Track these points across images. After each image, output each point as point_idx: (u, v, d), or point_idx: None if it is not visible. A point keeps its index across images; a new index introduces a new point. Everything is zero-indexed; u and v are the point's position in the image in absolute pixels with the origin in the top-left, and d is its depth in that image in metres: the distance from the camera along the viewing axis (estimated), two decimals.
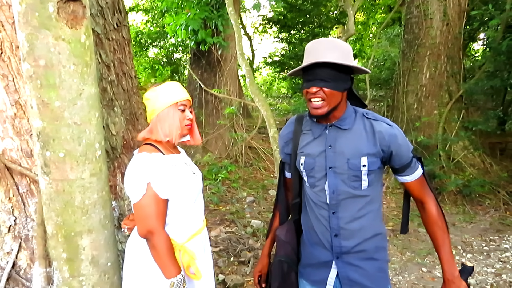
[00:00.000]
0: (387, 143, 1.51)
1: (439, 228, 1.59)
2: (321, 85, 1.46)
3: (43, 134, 1.41)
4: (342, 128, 1.57)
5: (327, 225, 1.61)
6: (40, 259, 1.74)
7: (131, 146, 2.31)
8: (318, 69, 1.46)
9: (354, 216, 1.57)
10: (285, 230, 1.80)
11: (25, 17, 1.29)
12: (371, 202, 1.58)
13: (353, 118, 1.58)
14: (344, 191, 1.55)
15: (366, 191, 1.56)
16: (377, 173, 1.57)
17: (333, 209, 1.59)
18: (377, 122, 1.55)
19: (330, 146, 1.57)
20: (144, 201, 1.51)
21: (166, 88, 1.65)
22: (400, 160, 1.54)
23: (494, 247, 4.24)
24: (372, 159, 1.52)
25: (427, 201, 1.61)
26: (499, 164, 6.32)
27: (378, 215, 1.64)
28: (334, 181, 1.56)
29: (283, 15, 11.52)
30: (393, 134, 1.52)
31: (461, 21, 6.59)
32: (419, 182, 1.61)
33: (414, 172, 1.59)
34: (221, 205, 5.23)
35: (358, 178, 1.53)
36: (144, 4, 11.37)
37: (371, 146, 1.52)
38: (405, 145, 1.54)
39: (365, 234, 1.58)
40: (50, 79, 1.35)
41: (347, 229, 1.57)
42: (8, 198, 1.87)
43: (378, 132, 1.52)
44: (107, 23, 2.15)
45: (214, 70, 7.39)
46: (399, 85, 7.11)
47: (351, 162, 1.52)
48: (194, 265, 1.61)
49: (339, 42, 1.50)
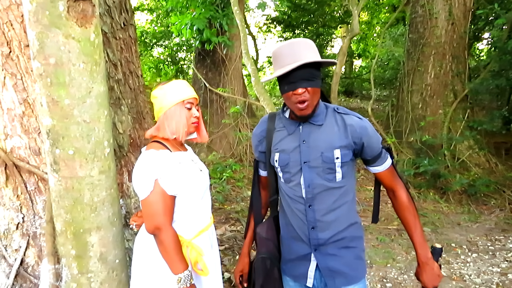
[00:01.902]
0: (358, 135, 1.56)
1: (410, 213, 1.65)
2: (305, 85, 1.49)
3: (52, 132, 1.42)
4: (316, 124, 1.61)
5: (303, 218, 1.65)
6: (49, 256, 1.75)
7: (137, 144, 2.32)
8: (300, 71, 1.48)
9: (329, 208, 1.61)
10: (265, 227, 1.84)
11: (35, 15, 1.30)
12: (346, 193, 1.63)
13: (324, 114, 1.63)
14: (320, 184, 1.59)
15: (341, 183, 1.60)
16: (350, 165, 1.62)
17: (309, 203, 1.62)
18: (348, 116, 1.61)
19: (304, 141, 1.61)
20: (152, 198, 1.52)
21: (173, 86, 1.67)
22: (371, 151, 1.60)
23: (499, 247, 4.23)
24: (345, 151, 1.57)
25: (397, 189, 1.68)
26: (504, 164, 6.29)
27: (353, 205, 1.69)
28: (309, 175, 1.60)
29: (287, 15, 11.52)
30: (364, 126, 1.57)
31: (466, 20, 6.57)
32: (389, 172, 1.68)
33: (384, 162, 1.65)
34: (226, 204, 5.25)
35: (332, 171, 1.58)
36: (149, 3, 11.40)
37: (343, 139, 1.57)
38: (375, 136, 1.60)
39: (340, 224, 1.63)
40: (60, 77, 1.36)
41: (323, 221, 1.62)
42: (16, 195, 1.89)
43: (349, 125, 1.58)
44: (114, 22, 2.17)
45: (219, 69, 7.40)
46: (403, 85, 7.10)
47: (325, 155, 1.57)
48: (202, 261, 1.62)
49: (307, 41, 1.55)
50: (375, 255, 3.99)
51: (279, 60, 1.54)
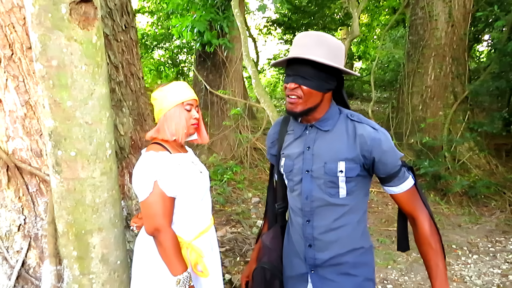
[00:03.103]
0: (368, 148, 1.36)
1: (431, 248, 1.41)
2: (300, 82, 1.36)
3: (55, 134, 1.43)
4: (322, 130, 1.45)
5: (301, 234, 1.50)
6: (50, 257, 1.76)
7: (139, 146, 2.33)
8: (300, 65, 1.35)
9: (329, 227, 1.44)
10: (270, 236, 1.71)
11: (38, 18, 1.31)
12: (350, 212, 1.44)
13: (335, 120, 1.46)
14: (319, 198, 1.43)
15: (345, 200, 1.42)
16: (358, 181, 1.42)
17: (307, 217, 1.47)
18: (361, 125, 1.40)
19: (308, 147, 1.46)
20: (151, 199, 1.53)
21: (173, 88, 1.67)
22: (385, 168, 1.38)
23: (500, 248, 4.23)
24: (351, 164, 1.38)
25: (418, 216, 1.44)
26: (504, 166, 6.29)
27: (359, 228, 1.48)
28: (309, 186, 1.44)
29: (287, 17, 11.55)
30: (376, 138, 1.36)
31: (466, 22, 6.58)
32: (409, 195, 1.43)
33: (402, 183, 1.41)
34: (226, 206, 5.25)
35: (335, 185, 1.40)
36: (149, 6, 11.43)
37: (350, 150, 1.38)
38: (390, 151, 1.37)
39: (341, 247, 1.45)
40: (62, 79, 1.37)
41: (322, 240, 1.46)
42: (18, 197, 1.89)
43: (359, 136, 1.38)
44: (115, 25, 2.18)
45: (220, 71, 7.41)
46: (404, 87, 7.11)
47: (327, 166, 1.40)
48: (202, 263, 1.63)
49: (328, 38, 1.37)
50: (376, 257, 3.99)
51: (291, 48, 1.40)
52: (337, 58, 1.36)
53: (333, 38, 1.38)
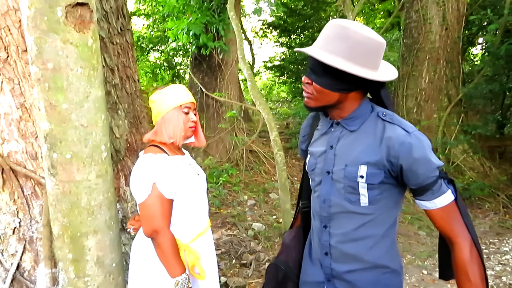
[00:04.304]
0: (395, 153, 1.17)
1: (468, 281, 1.16)
2: (311, 78, 1.24)
3: (50, 136, 1.43)
4: (347, 129, 1.30)
5: (318, 239, 1.39)
6: (45, 260, 1.76)
7: (134, 149, 2.33)
8: (315, 60, 1.20)
9: (348, 237, 1.29)
10: (292, 235, 1.60)
11: (33, 21, 1.31)
12: (373, 224, 1.26)
13: (364, 119, 1.29)
14: (338, 204, 1.29)
15: (367, 209, 1.25)
16: (384, 190, 1.24)
17: (324, 222, 1.34)
18: (391, 126, 1.21)
19: (332, 146, 1.32)
20: (150, 201, 1.53)
21: (170, 91, 1.68)
22: (415, 179, 1.18)
23: (494, 250, 4.26)
24: (373, 170, 1.21)
25: (456, 240, 1.20)
26: (498, 168, 6.34)
27: (384, 243, 1.29)
28: (328, 189, 1.31)
29: (283, 20, 11.58)
30: (406, 143, 1.16)
31: (460, 25, 6.64)
32: (445, 212, 1.20)
33: (436, 198, 1.20)
34: (222, 208, 5.25)
35: (355, 191, 1.24)
36: (145, 8, 11.42)
37: (374, 153, 1.21)
38: (423, 160, 1.16)
39: (361, 262, 1.29)
40: (58, 82, 1.37)
41: (339, 249, 1.31)
42: (13, 200, 1.89)
43: (387, 138, 1.19)
44: (111, 28, 2.18)
45: (215, 74, 7.43)
46: (398, 89, 7.15)
47: (348, 170, 1.25)
48: (199, 265, 1.63)
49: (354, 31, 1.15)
50: None
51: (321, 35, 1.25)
52: (357, 57, 1.16)
53: (363, 31, 1.16)
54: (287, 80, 12.05)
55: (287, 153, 6.54)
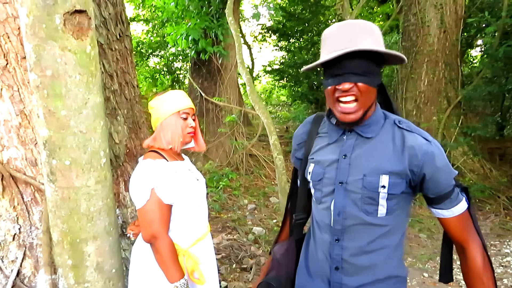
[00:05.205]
0: (419, 162, 1.16)
1: (482, 284, 1.20)
2: (354, 80, 1.15)
3: (49, 143, 1.44)
4: (364, 136, 1.25)
5: (327, 254, 1.31)
6: (45, 266, 1.76)
7: (133, 154, 2.34)
8: (349, 60, 1.14)
9: (363, 249, 1.24)
10: (283, 249, 1.52)
11: (32, 28, 1.32)
12: (389, 234, 1.24)
13: (380, 125, 1.26)
14: (354, 215, 1.23)
15: (383, 220, 1.22)
16: (401, 199, 1.22)
17: (336, 235, 1.27)
18: (411, 134, 1.21)
19: (345, 156, 1.26)
20: (148, 206, 1.54)
21: (169, 97, 1.69)
22: (436, 187, 1.19)
23: (495, 252, 4.25)
24: (396, 179, 1.19)
25: (469, 246, 1.22)
26: (498, 169, 6.34)
27: (397, 252, 1.28)
28: (343, 201, 1.25)
29: (282, 24, 11.60)
30: (429, 152, 1.16)
31: (458, 28, 6.66)
32: (461, 220, 1.22)
33: (454, 206, 1.21)
34: (222, 213, 5.25)
35: (374, 202, 1.21)
36: (144, 14, 11.47)
37: (397, 163, 1.19)
38: (445, 168, 1.18)
39: (375, 274, 1.25)
40: (57, 88, 1.38)
41: (352, 263, 1.26)
42: (13, 206, 1.89)
43: (409, 147, 1.18)
44: (110, 34, 2.20)
45: (215, 78, 7.45)
46: (397, 92, 7.16)
47: (367, 180, 1.21)
48: (198, 270, 1.63)
49: (367, 24, 1.18)
50: None
51: (327, 44, 1.19)
52: (383, 45, 1.19)
53: (366, 22, 1.19)
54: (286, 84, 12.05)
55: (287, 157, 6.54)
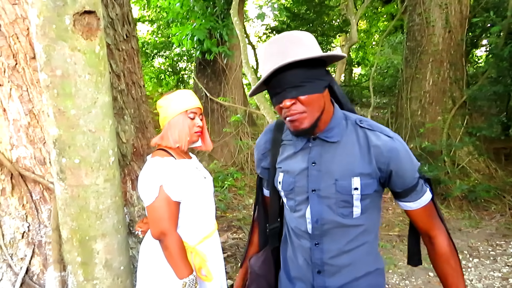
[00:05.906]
0: (385, 160, 1.18)
1: (451, 268, 1.27)
2: (294, 94, 1.13)
3: (59, 142, 1.46)
4: (329, 141, 1.24)
5: (308, 258, 1.31)
6: (55, 264, 1.78)
7: (140, 153, 2.36)
8: (284, 75, 1.12)
9: (342, 250, 1.26)
10: (260, 260, 1.49)
11: (42, 29, 1.35)
12: (365, 233, 1.27)
13: (343, 128, 1.25)
14: (330, 220, 1.24)
15: (359, 220, 1.24)
16: (373, 197, 1.25)
17: (316, 240, 1.28)
18: (374, 133, 1.21)
19: (314, 163, 1.24)
20: (157, 204, 1.56)
21: (177, 96, 1.72)
22: (402, 182, 1.22)
23: (500, 252, 4.23)
24: (367, 180, 1.20)
25: (436, 234, 1.29)
26: (504, 169, 6.30)
27: (374, 247, 1.33)
28: (318, 208, 1.24)
29: (286, 24, 11.61)
30: (394, 148, 1.18)
31: (463, 28, 6.64)
32: (426, 210, 1.27)
33: (420, 198, 1.25)
34: (228, 212, 5.27)
35: (349, 204, 1.22)
36: (149, 15, 11.51)
37: (365, 164, 1.20)
38: (408, 162, 1.21)
39: (356, 271, 1.28)
40: (66, 88, 1.40)
41: (333, 264, 1.27)
42: (22, 205, 1.92)
43: (374, 147, 1.19)
44: (117, 34, 2.22)
45: (219, 79, 7.47)
46: (402, 92, 7.14)
47: (339, 184, 1.21)
48: (206, 267, 1.65)
49: (298, 33, 1.16)
50: None
51: (262, 63, 1.18)
52: (316, 48, 1.16)
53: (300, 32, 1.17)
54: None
55: None
